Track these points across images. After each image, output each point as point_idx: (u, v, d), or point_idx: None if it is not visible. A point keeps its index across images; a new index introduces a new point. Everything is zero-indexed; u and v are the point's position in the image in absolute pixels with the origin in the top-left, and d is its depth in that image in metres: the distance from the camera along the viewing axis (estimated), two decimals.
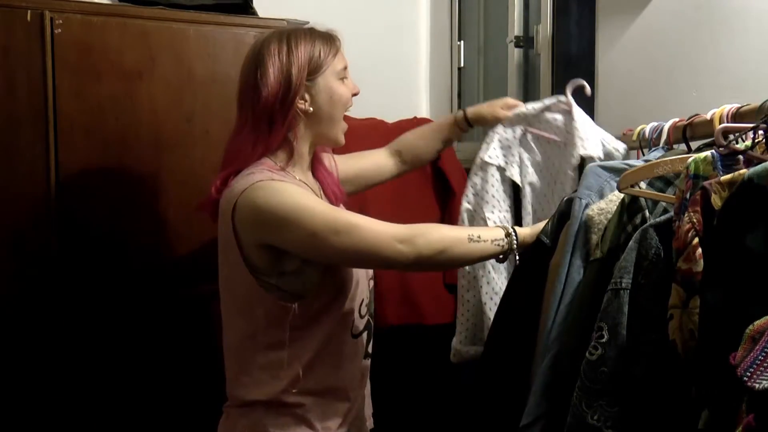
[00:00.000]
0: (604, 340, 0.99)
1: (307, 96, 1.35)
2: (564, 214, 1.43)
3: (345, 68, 1.41)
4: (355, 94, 1.43)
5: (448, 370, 1.81)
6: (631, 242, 1.01)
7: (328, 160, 1.53)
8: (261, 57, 1.34)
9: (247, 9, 2.06)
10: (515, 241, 1.32)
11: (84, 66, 1.79)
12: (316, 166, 1.47)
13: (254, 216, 1.26)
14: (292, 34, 1.37)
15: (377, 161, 1.69)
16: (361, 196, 2.06)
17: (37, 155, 1.75)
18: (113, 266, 1.84)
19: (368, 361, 1.44)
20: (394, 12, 2.70)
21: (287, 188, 1.28)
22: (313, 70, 1.35)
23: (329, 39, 1.40)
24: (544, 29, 2.14)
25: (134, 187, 1.83)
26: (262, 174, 1.28)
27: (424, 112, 2.74)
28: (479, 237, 1.29)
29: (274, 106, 1.32)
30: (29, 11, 1.73)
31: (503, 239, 1.31)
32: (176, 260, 1.89)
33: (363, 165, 1.66)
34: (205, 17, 1.93)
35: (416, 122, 2.34)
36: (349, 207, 1.56)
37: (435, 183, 2.25)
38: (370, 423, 1.50)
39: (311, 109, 1.36)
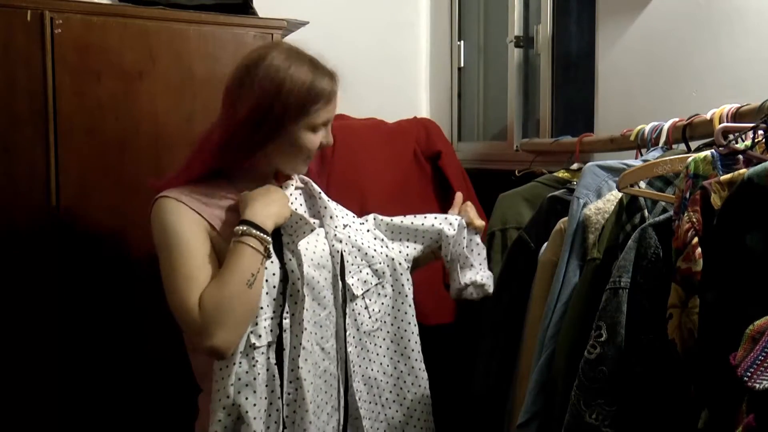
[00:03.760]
0: (602, 339, 0.99)
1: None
2: (550, 212, 1.44)
3: (325, 123, 1.35)
4: (324, 146, 1.37)
5: (449, 370, 1.81)
6: (630, 241, 1.01)
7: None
8: (256, 70, 1.29)
9: (247, 9, 2.06)
10: (263, 240, 1.24)
11: (84, 66, 1.79)
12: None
13: (152, 227, 1.31)
14: (294, 64, 1.30)
15: None
16: (361, 196, 2.06)
17: (37, 155, 1.75)
18: (113, 266, 1.84)
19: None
20: (394, 12, 2.70)
21: (177, 212, 1.29)
22: (291, 117, 1.30)
23: (326, 87, 1.32)
24: (544, 29, 2.14)
25: (134, 187, 1.83)
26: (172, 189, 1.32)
27: (424, 112, 2.74)
28: (252, 275, 1.23)
29: (241, 132, 1.30)
30: (29, 11, 1.73)
31: (260, 253, 1.24)
32: None
33: None
34: (205, 17, 1.93)
35: (416, 122, 2.34)
36: (349, 207, 1.56)
37: (435, 182, 2.26)
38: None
39: (271, 146, 1.33)
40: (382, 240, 1.49)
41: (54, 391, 1.80)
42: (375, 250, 1.46)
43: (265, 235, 1.25)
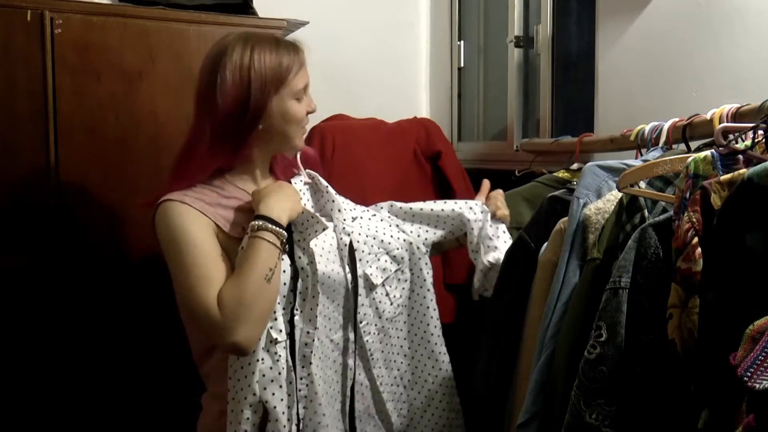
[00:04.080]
0: (602, 339, 0.99)
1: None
2: (550, 212, 1.44)
3: (305, 87, 1.36)
4: (310, 112, 1.40)
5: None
6: (630, 241, 1.01)
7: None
8: (221, 63, 1.30)
9: (247, 9, 2.06)
10: (279, 234, 1.25)
11: (84, 66, 1.79)
12: (278, 164, 1.48)
13: (157, 232, 1.31)
14: (257, 46, 1.32)
15: None
16: (361, 196, 2.06)
17: (37, 154, 1.75)
18: (113, 266, 1.84)
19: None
20: (394, 12, 2.70)
21: (183, 214, 1.28)
22: (272, 90, 1.31)
23: (294, 57, 1.34)
24: (544, 29, 2.14)
25: (134, 187, 1.83)
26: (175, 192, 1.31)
27: (424, 112, 2.74)
28: (270, 270, 1.22)
29: (229, 122, 1.30)
30: (29, 11, 1.73)
31: (277, 247, 1.24)
32: None
33: None
34: (205, 17, 1.94)
35: (416, 122, 2.33)
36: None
37: (435, 182, 2.25)
38: None
39: (261, 126, 1.33)
40: (398, 225, 1.51)
41: (54, 391, 1.80)
42: (392, 236, 1.47)
43: (281, 230, 1.25)
